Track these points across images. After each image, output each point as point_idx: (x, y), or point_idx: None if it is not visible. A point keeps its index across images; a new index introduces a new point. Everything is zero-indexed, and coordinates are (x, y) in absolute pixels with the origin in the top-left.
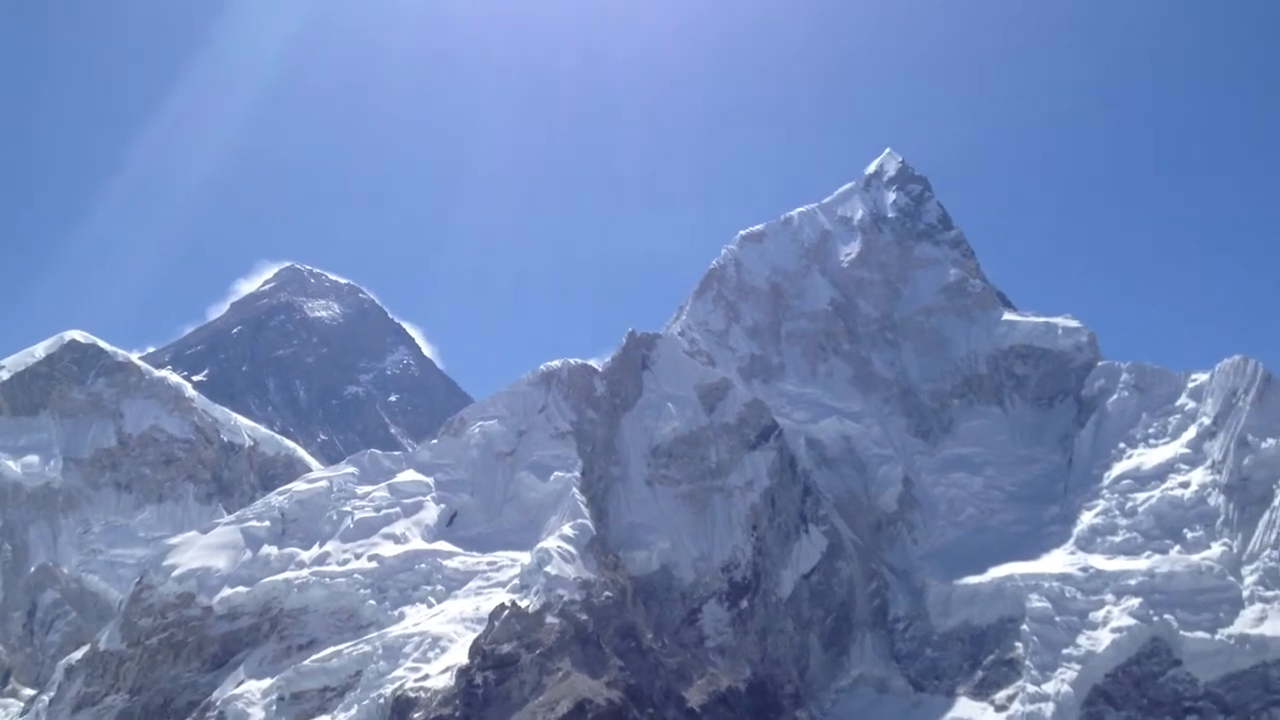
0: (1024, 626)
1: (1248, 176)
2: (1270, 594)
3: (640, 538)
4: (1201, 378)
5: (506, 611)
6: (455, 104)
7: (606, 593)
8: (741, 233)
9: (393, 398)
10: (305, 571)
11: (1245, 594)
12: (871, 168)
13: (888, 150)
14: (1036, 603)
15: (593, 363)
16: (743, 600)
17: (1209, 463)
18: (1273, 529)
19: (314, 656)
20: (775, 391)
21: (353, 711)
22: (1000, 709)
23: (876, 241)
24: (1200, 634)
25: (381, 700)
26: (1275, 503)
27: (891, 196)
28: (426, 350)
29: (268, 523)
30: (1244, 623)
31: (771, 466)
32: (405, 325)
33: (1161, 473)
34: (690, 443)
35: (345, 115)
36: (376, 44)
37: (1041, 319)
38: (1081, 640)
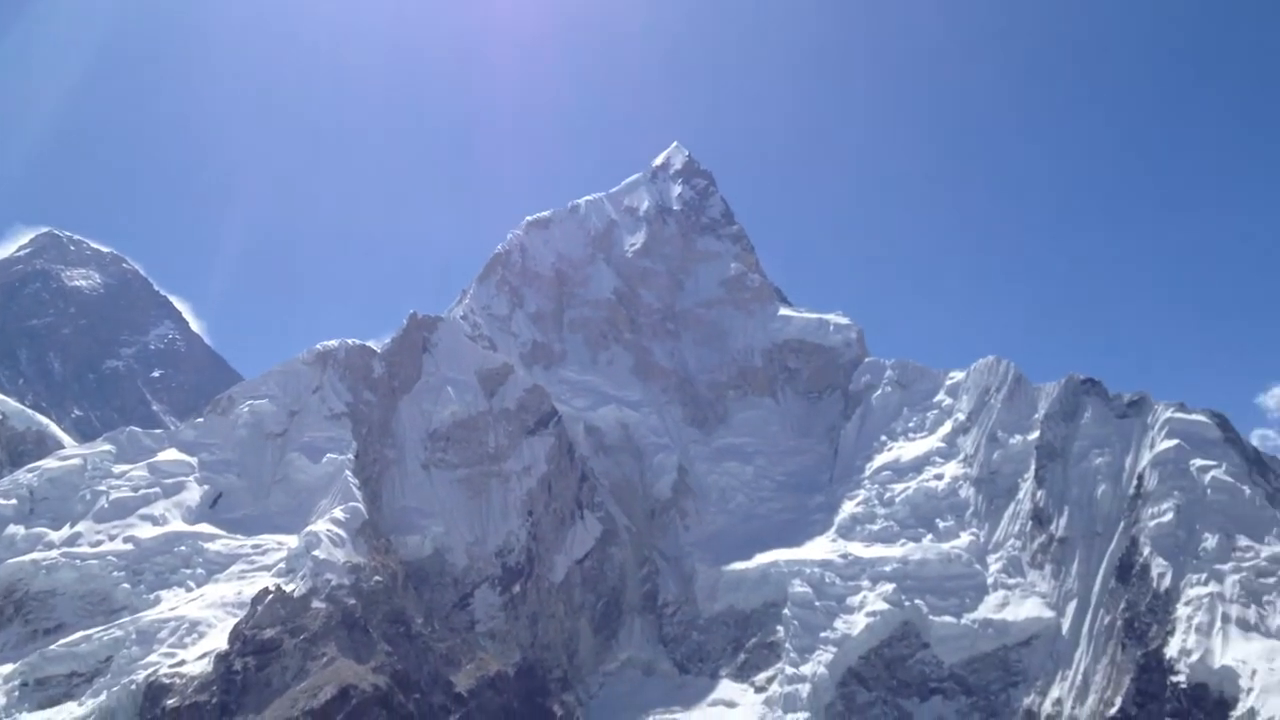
0: (785, 611)
1: (1006, 180)
2: (1012, 581)
3: (414, 522)
4: (958, 376)
5: (270, 596)
6: (237, 79)
7: (376, 577)
8: (528, 219)
9: (156, 373)
10: (54, 552)
11: (990, 581)
12: (659, 160)
13: (675, 143)
14: (798, 588)
15: (371, 344)
16: (515, 585)
17: (962, 456)
18: (1016, 520)
19: (61, 641)
20: (556, 378)
21: (101, 698)
22: (759, 690)
23: (661, 233)
24: (947, 618)
25: (133, 687)
26: (1020, 495)
27: (677, 189)
28: (194, 325)
29: (14, 501)
30: (987, 608)
31: (549, 452)
32: (172, 298)
33: (918, 465)
34: (469, 427)
35: (121, 81)
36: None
37: (814, 315)
38: (838, 624)
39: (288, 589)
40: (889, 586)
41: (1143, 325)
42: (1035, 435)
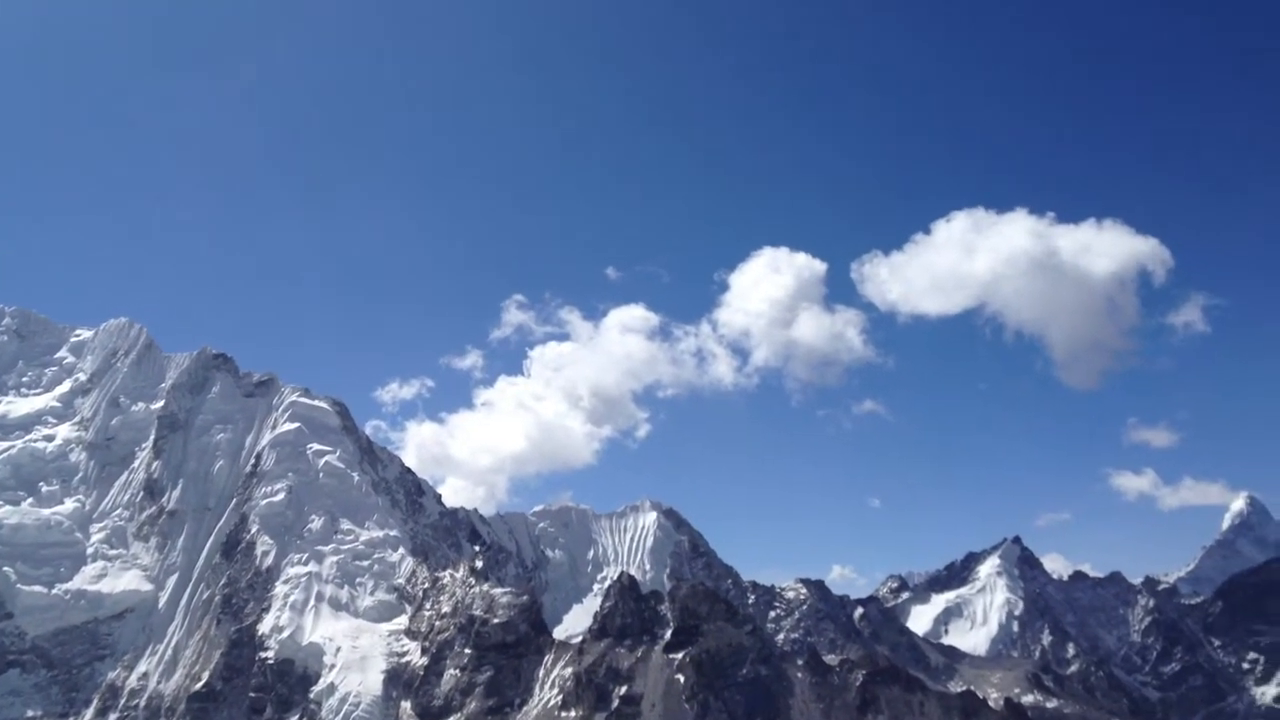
0: None
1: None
2: (114, 552)
3: None
4: (86, 334)
5: None
6: None
7: None
8: None
9: None
10: None
11: (90, 551)
12: None
13: None
14: None
15: None
16: None
17: (78, 419)
18: (128, 489)
19: None
20: None
21: None
22: None
23: None
24: (38, 588)
25: None
26: (135, 464)
27: None
28: None
29: None
30: (84, 579)
31: None
32: None
33: (28, 423)
34: None
35: None
36: None
37: None
38: None
39: None
40: None
41: (281, 307)
42: (160, 404)
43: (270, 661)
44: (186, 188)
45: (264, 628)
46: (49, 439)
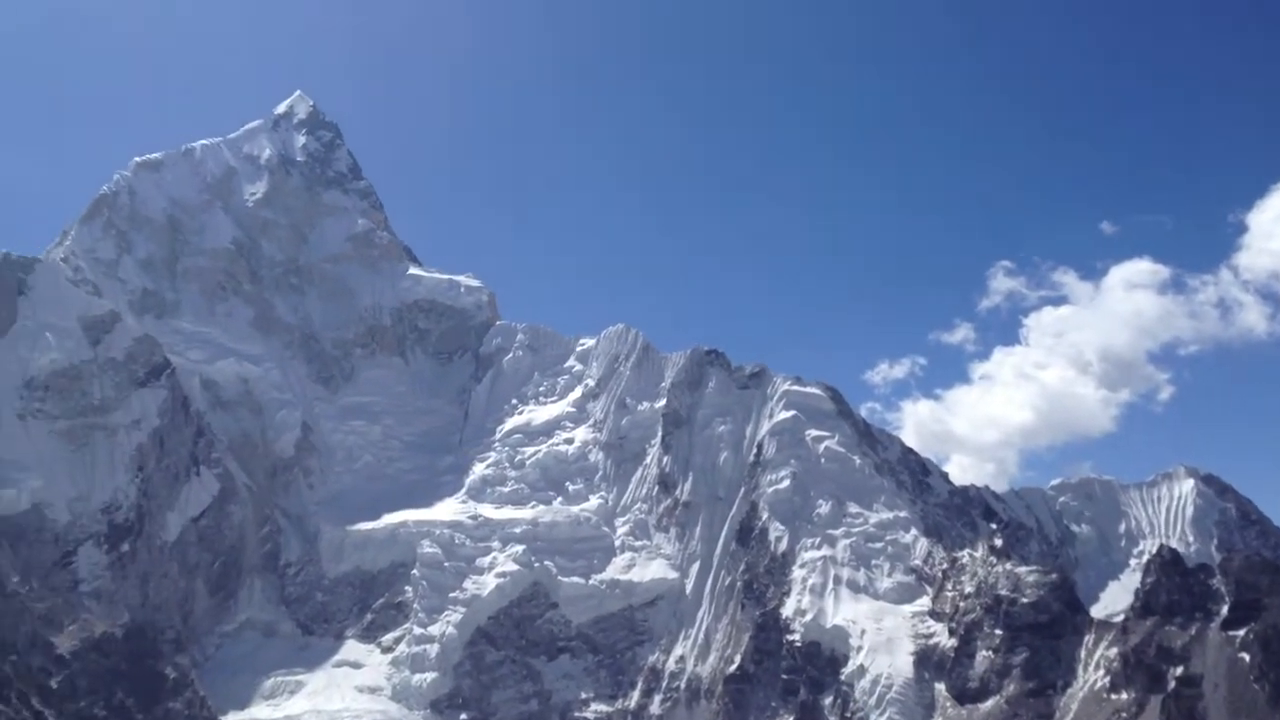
0: (414, 571)
1: (633, 154)
2: (639, 543)
3: (9, 475)
4: (589, 343)
5: None
6: None
7: None
8: (137, 159)
9: None
10: None
11: (617, 543)
12: (281, 108)
13: (298, 93)
14: (427, 549)
15: None
16: (124, 543)
17: (591, 421)
18: (644, 484)
19: None
20: (169, 328)
21: None
22: (387, 650)
23: (284, 184)
24: (575, 579)
25: None
26: (647, 460)
27: (301, 140)
28: None
29: None
30: (615, 569)
31: (162, 406)
32: None
33: (549, 429)
34: (71, 376)
35: None
36: None
37: (445, 276)
38: (468, 585)
39: None
40: (519, 548)
41: (763, 300)
42: (662, 403)
43: (798, 644)
44: (671, 197)
45: (787, 611)
46: (569, 442)
